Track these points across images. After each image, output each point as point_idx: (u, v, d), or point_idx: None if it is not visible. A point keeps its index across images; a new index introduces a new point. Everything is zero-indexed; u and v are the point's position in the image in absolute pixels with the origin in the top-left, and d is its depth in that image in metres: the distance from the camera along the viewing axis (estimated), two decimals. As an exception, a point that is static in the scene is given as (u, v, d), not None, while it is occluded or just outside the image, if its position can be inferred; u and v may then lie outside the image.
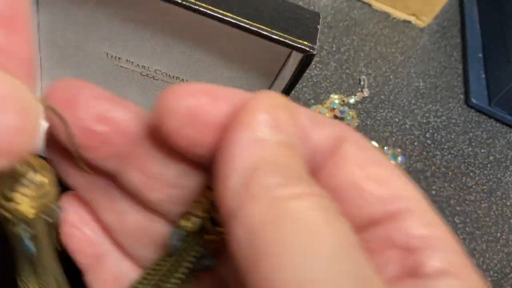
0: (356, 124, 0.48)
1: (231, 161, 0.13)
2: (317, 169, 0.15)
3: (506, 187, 0.50)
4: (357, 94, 0.51)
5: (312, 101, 0.49)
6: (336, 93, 0.50)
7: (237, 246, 0.12)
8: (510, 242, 0.46)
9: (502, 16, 0.59)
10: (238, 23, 0.23)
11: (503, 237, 0.46)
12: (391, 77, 0.55)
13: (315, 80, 0.51)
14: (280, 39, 0.23)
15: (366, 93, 0.51)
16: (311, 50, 0.23)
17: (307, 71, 0.51)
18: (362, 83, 0.52)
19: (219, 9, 0.23)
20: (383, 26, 0.60)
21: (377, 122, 0.50)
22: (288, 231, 0.11)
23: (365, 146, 0.15)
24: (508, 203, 0.49)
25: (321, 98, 0.49)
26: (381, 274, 0.14)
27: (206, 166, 0.15)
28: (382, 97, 0.52)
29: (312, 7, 0.58)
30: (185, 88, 0.14)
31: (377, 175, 0.14)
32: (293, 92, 0.48)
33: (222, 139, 0.13)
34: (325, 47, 0.54)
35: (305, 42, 0.23)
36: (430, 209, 0.14)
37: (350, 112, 0.48)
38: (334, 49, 0.55)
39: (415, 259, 0.14)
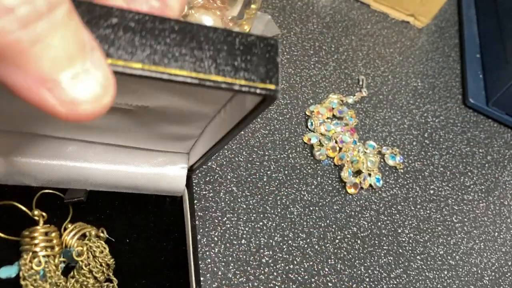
0: (355, 123, 0.48)
1: None
2: None
3: (503, 187, 0.50)
4: (356, 94, 0.51)
5: (311, 100, 0.49)
6: (335, 93, 0.50)
7: None
8: (507, 242, 0.46)
9: (499, 16, 0.59)
10: (178, 79, 0.17)
11: (501, 236, 0.46)
12: (389, 77, 0.55)
13: (314, 80, 0.51)
14: (231, 87, 0.17)
15: (364, 93, 0.51)
16: (270, 93, 0.18)
17: (306, 71, 0.51)
18: (360, 83, 0.52)
19: (156, 66, 0.16)
20: (381, 27, 0.60)
21: (376, 122, 0.50)
22: None
23: None
24: (506, 203, 0.49)
25: (320, 97, 0.49)
26: None
27: None
28: (381, 97, 0.53)
29: (311, 8, 0.58)
30: None
31: None
32: (292, 92, 0.49)
33: None
34: (324, 47, 0.54)
35: (267, 86, 0.18)
36: None
37: (349, 112, 0.48)
38: (333, 49, 0.55)
39: None
